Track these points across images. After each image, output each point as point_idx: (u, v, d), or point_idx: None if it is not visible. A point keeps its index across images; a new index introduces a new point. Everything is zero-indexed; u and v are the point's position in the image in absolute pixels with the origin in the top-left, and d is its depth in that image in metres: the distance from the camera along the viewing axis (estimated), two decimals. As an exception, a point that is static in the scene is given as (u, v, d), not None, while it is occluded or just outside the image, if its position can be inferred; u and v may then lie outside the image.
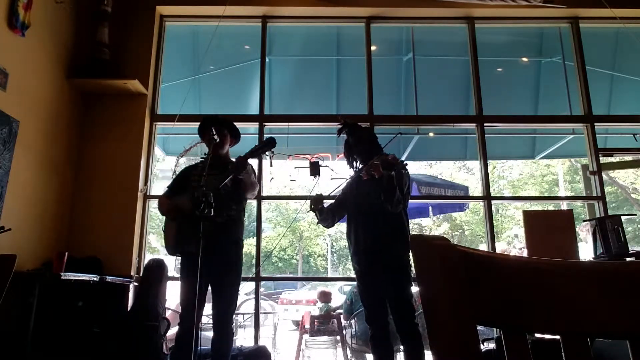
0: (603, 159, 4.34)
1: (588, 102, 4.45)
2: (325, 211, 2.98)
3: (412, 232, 2.96)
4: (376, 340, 2.72)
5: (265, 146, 2.69)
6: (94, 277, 3.27)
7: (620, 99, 4.91)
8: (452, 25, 4.78)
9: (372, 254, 2.76)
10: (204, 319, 2.96)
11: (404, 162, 2.77)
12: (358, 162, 3.01)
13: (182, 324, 2.64)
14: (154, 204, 4.21)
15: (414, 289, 2.93)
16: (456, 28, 4.78)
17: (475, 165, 7.85)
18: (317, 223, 3.10)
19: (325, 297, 4.70)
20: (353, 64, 4.95)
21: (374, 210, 2.75)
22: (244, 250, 2.91)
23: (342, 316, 4.34)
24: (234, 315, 2.92)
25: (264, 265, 4.96)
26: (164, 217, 2.87)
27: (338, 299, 4.87)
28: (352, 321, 4.07)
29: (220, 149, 2.89)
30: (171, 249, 2.79)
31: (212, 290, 2.73)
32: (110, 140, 4.12)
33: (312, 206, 2.95)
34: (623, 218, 3.59)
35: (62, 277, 2.92)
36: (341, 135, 3.07)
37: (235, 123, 3.04)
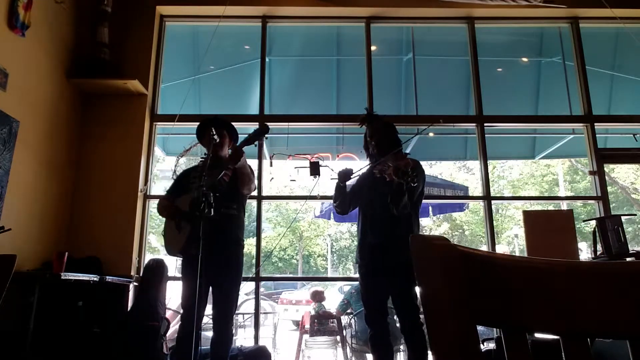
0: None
1: (588, 102, 4.45)
2: (345, 194, 2.94)
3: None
4: (376, 340, 2.72)
5: (258, 134, 2.68)
6: (94, 277, 3.27)
7: (620, 99, 4.91)
8: (452, 25, 4.78)
9: (378, 251, 2.73)
10: (205, 319, 2.96)
11: (415, 174, 2.45)
12: (374, 154, 2.94)
13: (183, 325, 2.64)
14: (154, 204, 4.21)
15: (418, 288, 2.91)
16: (456, 28, 4.78)
17: (475, 165, 7.85)
18: (334, 204, 3.02)
19: (317, 296, 4.68)
20: (353, 64, 4.95)
21: (382, 206, 2.70)
22: (244, 250, 2.91)
23: (336, 310, 4.34)
24: (234, 315, 2.91)
25: (264, 265, 4.96)
26: (164, 219, 2.87)
27: (336, 299, 4.86)
28: (352, 321, 4.08)
29: (220, 149, 2.89)
30: (171, 251, 2.78)
31: (213, 290, 2.73)
32: (110, 140, 4.11)
33: (340, 180, 2.92)
34: (623, 218, 3.58)
35: (62, 277, 2.91)
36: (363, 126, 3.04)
37: (235, 123, 3.04)
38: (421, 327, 2.66)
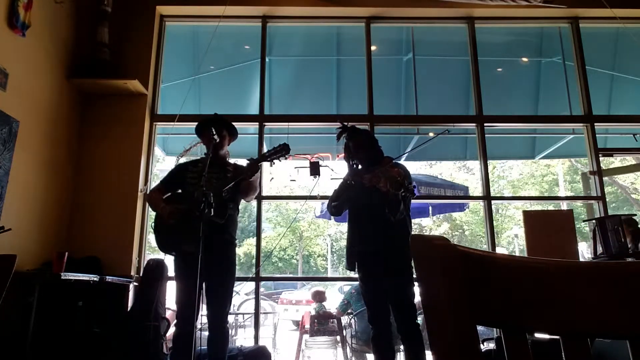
0: (604, 160, 4.33)
1: (588, 102, 4.45)
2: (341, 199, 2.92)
3: (412, 232, 2.89)
4: (378, 340, 2.72)
5: (279, 152, 2.66)
6: (94, 277, 3.27)
7: (620, 99, 4.91)
8: (452, 25, 4.78)
9: (377, 257, 2.74)
10: (203, 319, 2.95)
11: (412, 184, 2.50)
12: (359, 167, 2.98)
13: (179, 325, 2.64)
14: (154, 204, 4.21)
15: (416, 289, 2.92)
16: (456, 28, 4.78)
17: (475, 165, 7.85)
18: (332, 203, 2.98)
19: (318, 296, 4.68)
20: (353, 64, 4.95)
21: (376, 212, 2.72)
22: (244, 250, 2.92)
23: (336, 310, 4.34)
24: (234, 315, 2.91)
25: (264, 265, 4.95)
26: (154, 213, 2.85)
27: (337, 300, 4.86)
28: (352, 321, 4.07)
29: (220, 149, 2.89)
30: (164, 247, 2.76)
31: (207, 290, 2.72)
32: (110, 140, 4.11)
33: (350, 178, 2.88)
34: (623, 218, 3.58)
35: (62, 277, 2.91)
36: (341, 138, 3.05)
37: (235, 123, 3.04)
38: (418, 327, 2.67)
